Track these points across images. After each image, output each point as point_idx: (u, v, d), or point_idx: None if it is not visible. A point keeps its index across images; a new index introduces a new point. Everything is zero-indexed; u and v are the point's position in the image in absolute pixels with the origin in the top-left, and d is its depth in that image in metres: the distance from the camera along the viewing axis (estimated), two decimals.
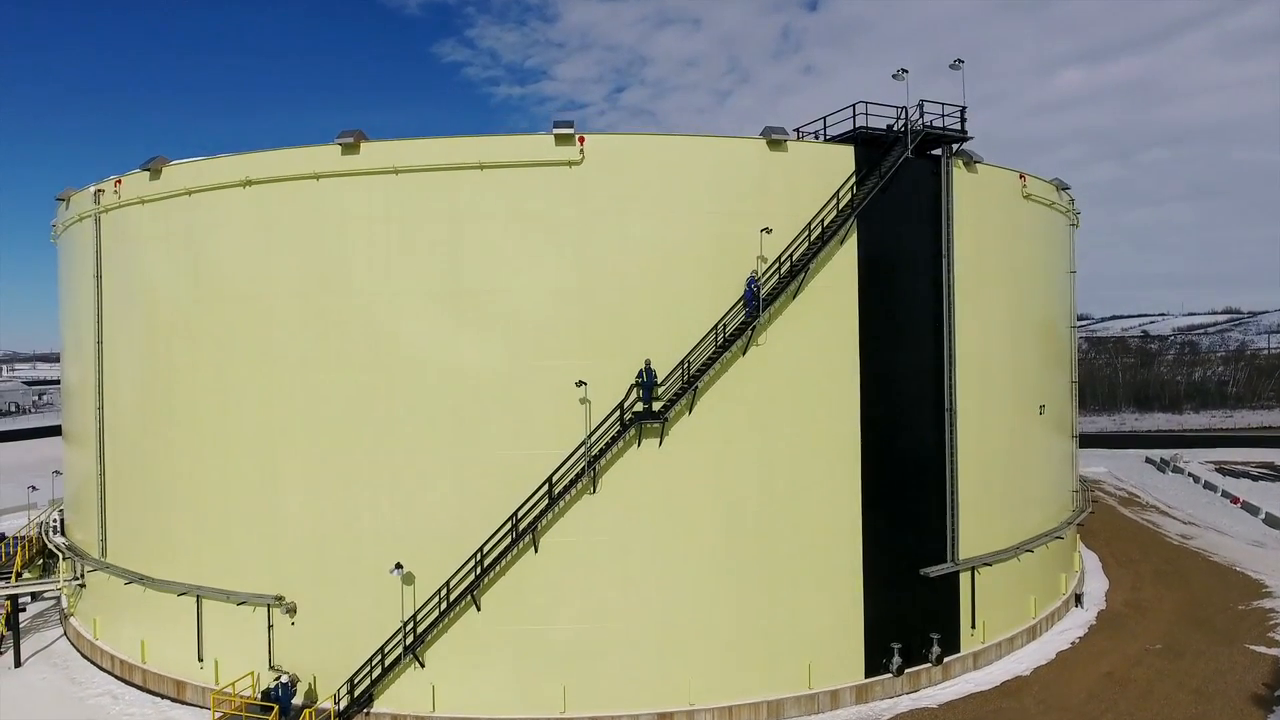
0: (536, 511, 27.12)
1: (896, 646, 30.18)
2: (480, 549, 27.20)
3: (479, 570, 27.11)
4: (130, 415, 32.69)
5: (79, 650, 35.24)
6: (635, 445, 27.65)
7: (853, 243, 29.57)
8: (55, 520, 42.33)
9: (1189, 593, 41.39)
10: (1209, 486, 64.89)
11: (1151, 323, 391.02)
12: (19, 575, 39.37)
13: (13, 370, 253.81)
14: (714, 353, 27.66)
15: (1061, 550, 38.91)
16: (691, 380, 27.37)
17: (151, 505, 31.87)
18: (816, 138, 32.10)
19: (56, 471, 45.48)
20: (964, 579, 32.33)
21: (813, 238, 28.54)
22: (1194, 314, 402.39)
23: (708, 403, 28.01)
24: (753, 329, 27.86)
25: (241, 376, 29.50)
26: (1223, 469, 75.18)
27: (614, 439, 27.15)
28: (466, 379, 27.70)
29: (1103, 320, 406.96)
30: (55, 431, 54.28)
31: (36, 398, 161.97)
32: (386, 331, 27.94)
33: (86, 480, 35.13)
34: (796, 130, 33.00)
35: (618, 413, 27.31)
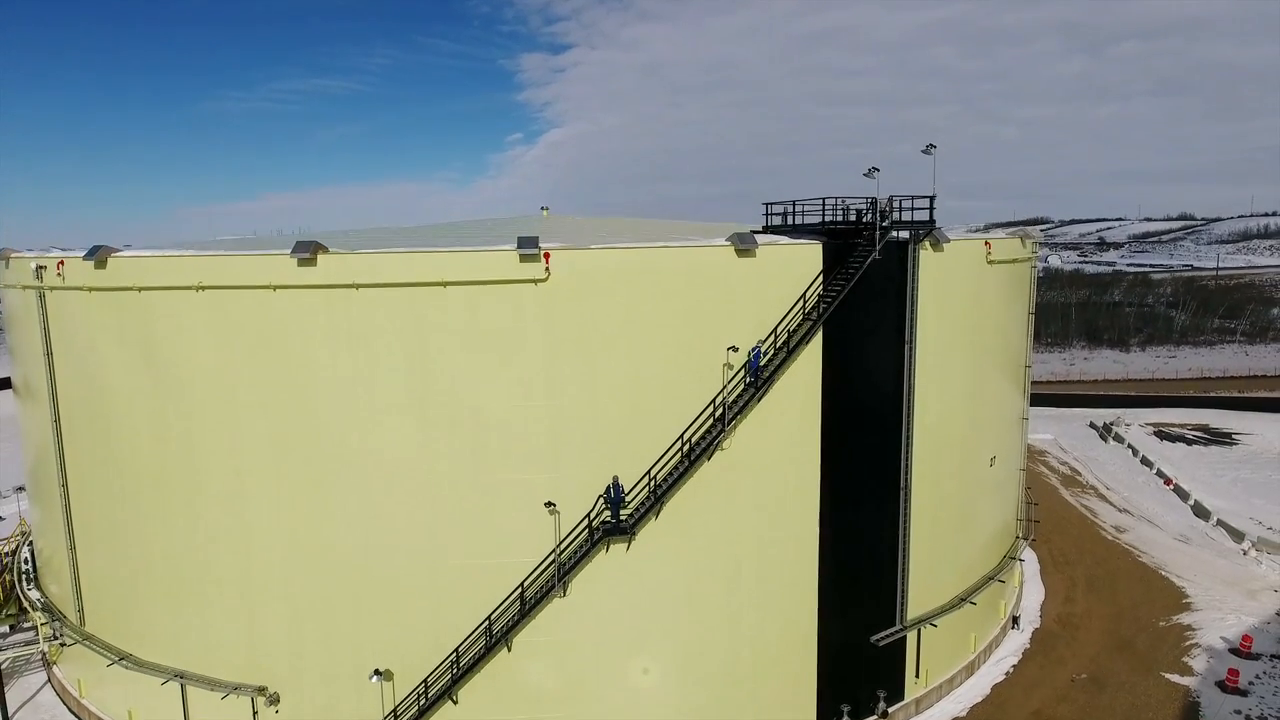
0: (509, 617, 28.27)
1: (846, 709, 32.65)
2: (456, 649, 28.44)
3: (455, 670, 28.42)
4: (97, 497, 32.55)
5: (66, 705, 36.34)
6: (604, 551, 28.63)
7: (818, 338, 29.83)
8: (26, 559, 42.45)
9: (1116, 605, 44.67)
10: (1146, 462, 68.48)
11: (1109, 228, 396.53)
12: None
13: None
14: (679, 463, 28.32)
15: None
16: (657, 492, 28.13)
17: (128, 586, 32.31)
18: (785, 220, 31.76)
19: (19, 487, 45.34)
20: (911, 635, 34.59)
21: (778, 344, 28.78)
22: (1150, 219, 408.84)
23: (674, 507, 28.84)
24: (718, 439, 28.46)
25: (211, 475, 29.47)
26: (1161, 433, 79.06)
27: (584, 552, 28.05)
28: (437, 491, 28.13)
29: (1061, 225, 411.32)
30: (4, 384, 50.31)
31: None
32: (354, 445, 28.00)
33: (56, 546, 35.26)
34: (766, 207, 32.60)
35: (586, 523, 28.10)
